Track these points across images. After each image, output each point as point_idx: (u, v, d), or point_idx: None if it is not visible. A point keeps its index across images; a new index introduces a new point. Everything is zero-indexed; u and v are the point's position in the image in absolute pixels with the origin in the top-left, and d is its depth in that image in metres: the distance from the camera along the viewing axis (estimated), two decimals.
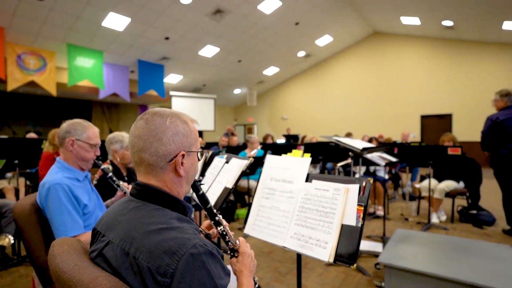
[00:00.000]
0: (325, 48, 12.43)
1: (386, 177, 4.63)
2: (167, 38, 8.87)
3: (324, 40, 11.63)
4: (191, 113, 0.87)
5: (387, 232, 3.45)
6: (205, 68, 11.73)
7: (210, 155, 2.24)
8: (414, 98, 11.28)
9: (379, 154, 3.49)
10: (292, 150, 1.51)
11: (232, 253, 0.92)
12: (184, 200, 0.84)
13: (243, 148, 4.92)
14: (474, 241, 2.16)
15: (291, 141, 9.58)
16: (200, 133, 12.44)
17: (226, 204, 4.12)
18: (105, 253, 0.71)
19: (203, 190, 0.94)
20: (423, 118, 11.20)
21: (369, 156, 3.19)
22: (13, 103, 10.17)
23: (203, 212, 3.27)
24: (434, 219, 3.86)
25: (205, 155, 2.25)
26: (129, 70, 9.94)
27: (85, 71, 8.35)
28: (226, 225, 0.95)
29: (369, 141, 5.46)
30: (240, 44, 10.30)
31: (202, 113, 13.08)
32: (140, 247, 0.65)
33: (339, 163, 4.59)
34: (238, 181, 1.54)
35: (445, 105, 10.60)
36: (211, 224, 1.00)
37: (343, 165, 4.73)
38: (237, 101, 16.77)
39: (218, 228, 0.93)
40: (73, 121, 1.53)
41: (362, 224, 1.13)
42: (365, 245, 3.11)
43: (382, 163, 3.25)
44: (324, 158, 5.17)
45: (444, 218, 4.01)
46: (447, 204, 4.29)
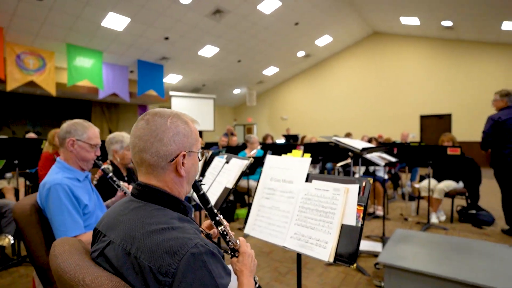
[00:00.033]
0: (324, 48, 12.44)
1: (386, 177, 4.64)
2: (166, 38, 8.87)
3: (324, 40, 11.64)
4: (190, 113, 0.87)
5: (387, 232, 3.46)
6: (205, 68, 11.73)
7: (210, 155, 2.24)
8: (413, 98, 11.30)
9: (379, 154, 3.50)
10: (292, 150, 1.52)
11: (233, 253, 0.93)
12: (185, 200, 0.84)
13: (242, 148, 4.92)
14: (473, 241, 2.17)
15: (290, 141, 9.59)
16: (199, 133, 12.45)
17: (226, 204, 4.12)
18: (106, 253, 0.71)
19: (203, 190, 0.95)
20: (422, 118, 11.21)
21: (368, 156, 3.20)
22: (12, 103, 10.16)
23: (203, 212, 3.27)
24: (434, 219, 3.86)
25: (205, 155, 2.25)
26: (129, 70, 9.93)
27: (85, 71, 8.34)
28: (226, 225, 0.95)
29: (368, 141, 5.47)
30: (239, 44, 10.30)
31: (201, 113, 13.08)
32: (142, 247, 0.66)
33: (339, 163, 4.60)
34: (238, 181, 1.54)
35: (444, 105, 10.61)
36: (211, 224, 1.01)
37: (342, 165, 4.74)
38: (236, 101, 16.77)
39: (219, 228, 0.93)
40: (74, 121, 1.53)
41: (362, 224, 1.13)
42: (365, 245, 3.11)
43: (382, 163, 3.25)
44: (324, 158, 5.18)
45: (443, 218, 4.02)
46: (447, 204, 4.29)
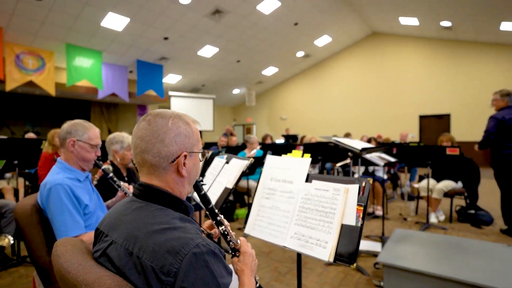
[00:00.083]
0: (324, 49, 12.45)
1: (385, 177, 4.65)
2: (166, 38, 8.86)
3: (323, 41, 11.65)
4: (190, 113, 0.87)
5: (386, 232, 3.47)
6: (204, 68, 11.73)
7: (209, 155, 2.25)
8: (412, 98, 11.32)
9: (378, 154, 3.51)
10: (292, 151, 1.52)
11: (234, 253, 0.93)
12: (185, 200, 0.85)
13: (242, 148, 4.92)
14: (472, 240, 2.18)
15: (290, 141, 9.59)
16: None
17: (226, 204, 4.13)
18: (108, 253, 0.72)
19: (205, 191, 0.95)
20: (421, 118, 11.23)
21: (368, 156, 3.21)
22: (11, 103, 10.15)
23: (203, 212, 3.28)
24: (433, 219, 3.88)
25: (206, 156, 2.26)
26: (128, 70, 9.93)
27: (84, 71, 8.33)
28: (227, 225, 0.96)
29: (368, 141, 5.48)
30: (239, 44, 10.31)
31: (201, 113, 13.09)
32: (144, 246, 0.66)
33: (338, 163, 4.61)
34: (239, 182, 1.55)
35: (443, 105, 10.64)
36: (212, 224, 1.01)
37: (342, 165, 4.75)
38: (236, 101, 16.77)
39: (220, 228, 0.94)
40: (74, 121, 1.54)
41: (362, 224, 1.14)
42: (364, 244, 3.12)
43: (381, 163, 3.26)
44: (323, 158, 5.19)
45: (442, 218, 4.03)
46: (446, 204, 4.30)
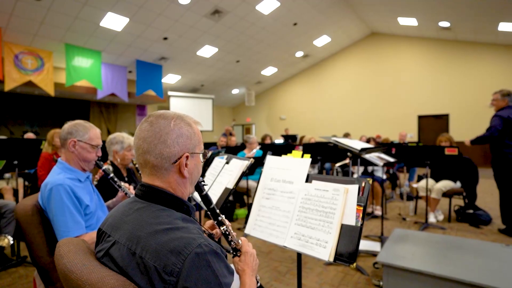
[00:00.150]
0: (323, 49, 12.47)
1: (384, 177, 4.67)
2: (165, 38, 8.86)
3: (322, 41, 11.67)
4: (189, 113, 0.88)
5: (385, 231, 3.48)
6: (203, 68, 11.73)
7: (209, 156, 2.25)
8: (411, 98, 11.35)
9: (377, 155, 3.52)
10: (292, 151, 1.53)
11: (235, 253, 0.94)
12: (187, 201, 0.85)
13: (241, 148, 4.93)
14: (470, 240, 2.19)
15: (289, 141, 9.60)
16: None
17: (226, 205, 4.13)
18: (111, 253, 0.72)
19: (206, 191, 0.96)
20: (420, 118, 11.26)
21: (367, 156, 3.22)
22: (10, 103, 10.12)
23: (203, 212, 3.28)
24: (432, 218, 3.89)
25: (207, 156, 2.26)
26: (127, 70, 9.92)
27: (83, 71, 8.32)
28: (228, 225, 0.97)
29: (367, 141, 5.50)
30: (238, 44, 10.31)
31: (200, 113, 13.09)
32: (146, 246, 0.67)
33: (338, 163, 4.62)
34: (239, 182, 1.55)
35: (442, 105, 10.67)
36: (214, 224, 1.02)
37: (341, 165, 4.76)
38: (235, 101, 16.77)
39: (221, 228, 0.95)
40: (75, 122, 1.54)
41: (362, 223, 1.15)
42: (364, 244, 3.13)
43: (380, 163, 3.27)
44: (322, 158, 5.20)
45: (441, 217, 4.05)
46: (444, 204, 4.32)
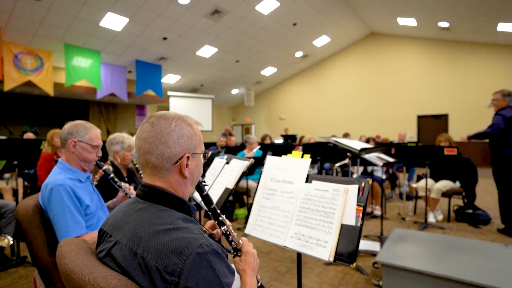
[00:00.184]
0: (322, 49, 12.48)
1: (384, 177, 4.68)
2: (165, 38, 8.86)
3: (322, 41, 11.68)
4: (188, 114, 0.88)
5: (385, 231, 3.49)
6: (203, 68, 11.73)
7: (209, 156, 2.26)
8: (410, 98, 11.37)
9: (377, 155, 3.52)
10: (292, 151, 1.53)
11: (236, 253, 0.94)
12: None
13: (241, 148, 4.93)
14: (469, 240, 2.20)
15: (288, 141, 9.60)
16: None
17: (226, 204, 4.14)
18: (113, 253, 0.72)
19: (207, 191, 0.96)
20: (419, 118, 11.28)
21: (367, 156, 3.22)
22: (9, 103, 10.11)
23: (202, 212, 3.29)
24: (431, 218, 3.90)
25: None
26: (127, 70, 9.91)
27: (83, 71, 8.32)
28: (229, 225, 0.97)
29: (366, 141, 5.51)
30: (238, 44, 10.31)
31: (200, 113, 13.09)
32: (148, 247, 0.67)
33: (337, 164, 4.62)
34: (239, 182, 1.56)
35: (441, 106, 10.69)
36: (214, 224, 1.02)
37: (341, 165, 4.77)
38: (234, 101, 16.78)
39: (222, 228, 0.95)
40: (75, 122, 1.54)
41: (362, 223, 1.15)
42: (363, 244, 3.14)
43: (380, 163, 3.28)
44: (322, 158, 5.21)
45: (440, 217, 4.06)
46: (444, 204, 4.33)
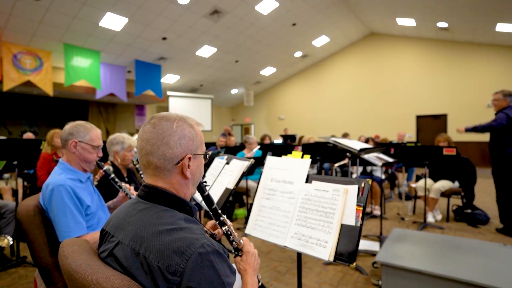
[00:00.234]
0: (321, 49, 12.49)
1: (383, 177, 4.69)
2: (164, 38, 8.86)
3: (321, 41, 11.69)
4: (188, 114, 0.89)
5: (384, 231, 3.49)
6: (202, 68, 11.73)
7: (209, 156, 2.26)
8: (409, 99, 11.39)
9: (376, 155, 3.53)
10: (292, 152, 1.54)
11: (237, 252, 0.95)
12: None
13: (241, 148, 4.93)
14: (468, 239, 2.21)
15: (288, 141, 9.61)
16: None
17: (225, 205, 4.15)
18: (115, 253, 0.73)
19: (208, 192, 0.97)
20: (418, 118, 11.30)
21: (366, 156, 3.23)
22: (9, 103, 10.09)
23: (202, 212, 3.30)
24: (430, 218, 3.91)
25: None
26: (126, 70, 9.91)
27: (82, 71, 8.31)
28: (230, 225, 0.97)
29: (365, 141, 5.52)
30: (237, 44, 10.32)
31: (199, 113, 13.10)
32: (150, 247, 0.68)
33: (337, 164, 4.63)
34: (239, 182, 1.56)
35: (440, 106, 10.71)
36: (215, 224, 1.03)
37: (340, 165, 4.78)
38: (234, 101, 16.78)
39: (223, 228, 0.96)
40: (76, 123, 1.55)
41: (361, 223, 1.16)
42: (362, 244, 3.14)
43: (379, 163, 3.29)
44: (322, 158, 5.21)
45: (439, 217, 4.07)
46: (443, 204, 4.35)
